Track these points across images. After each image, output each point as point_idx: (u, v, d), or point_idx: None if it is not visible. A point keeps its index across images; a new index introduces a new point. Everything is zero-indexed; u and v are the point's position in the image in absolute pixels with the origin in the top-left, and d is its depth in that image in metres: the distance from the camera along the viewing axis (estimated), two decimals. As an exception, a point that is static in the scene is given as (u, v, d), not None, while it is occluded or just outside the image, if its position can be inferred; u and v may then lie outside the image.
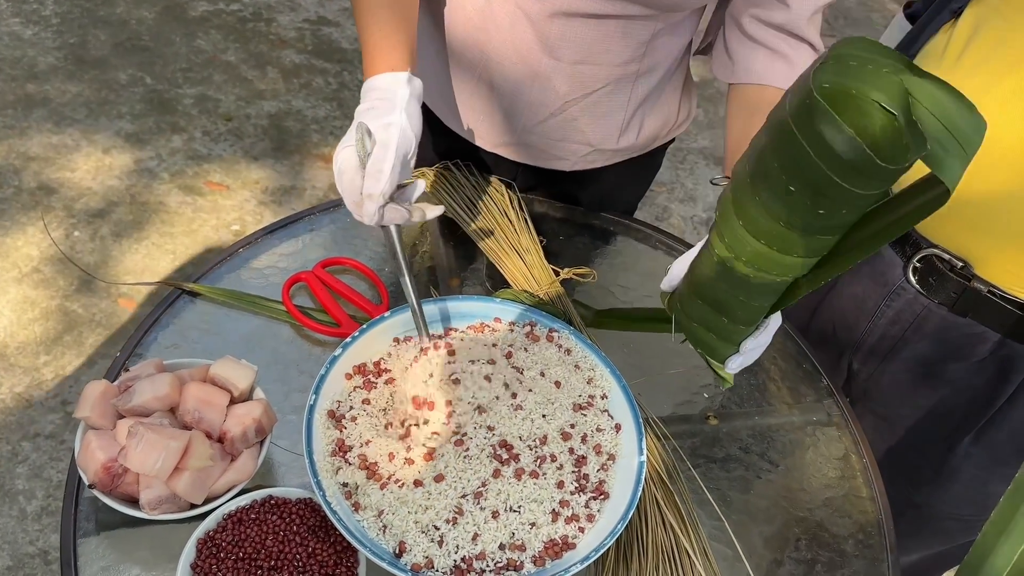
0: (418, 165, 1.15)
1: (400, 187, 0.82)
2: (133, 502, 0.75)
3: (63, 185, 2.18)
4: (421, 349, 0.85)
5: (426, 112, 1.10)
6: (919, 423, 1.07)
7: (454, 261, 1.08)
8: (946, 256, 0.94)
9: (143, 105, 2.45)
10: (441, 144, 1.14)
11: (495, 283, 1.05)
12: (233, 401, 0.81)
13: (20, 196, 2.12)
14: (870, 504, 0.93)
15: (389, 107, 0.79)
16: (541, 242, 1.07)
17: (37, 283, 1.94)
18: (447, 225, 1.11)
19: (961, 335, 0.97)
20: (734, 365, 0.81)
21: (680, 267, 0.79)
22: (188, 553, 0.72)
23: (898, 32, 1.12)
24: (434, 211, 0.84)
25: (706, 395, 1.00)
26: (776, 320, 0.79)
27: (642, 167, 1.20)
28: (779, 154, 0.60)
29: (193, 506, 0.75)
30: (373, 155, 0.76)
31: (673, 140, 1.18)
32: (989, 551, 0.62)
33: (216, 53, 2.69)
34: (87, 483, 0.75)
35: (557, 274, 1.03)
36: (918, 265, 0.97)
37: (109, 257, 2.04)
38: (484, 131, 1.08)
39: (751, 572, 0.83)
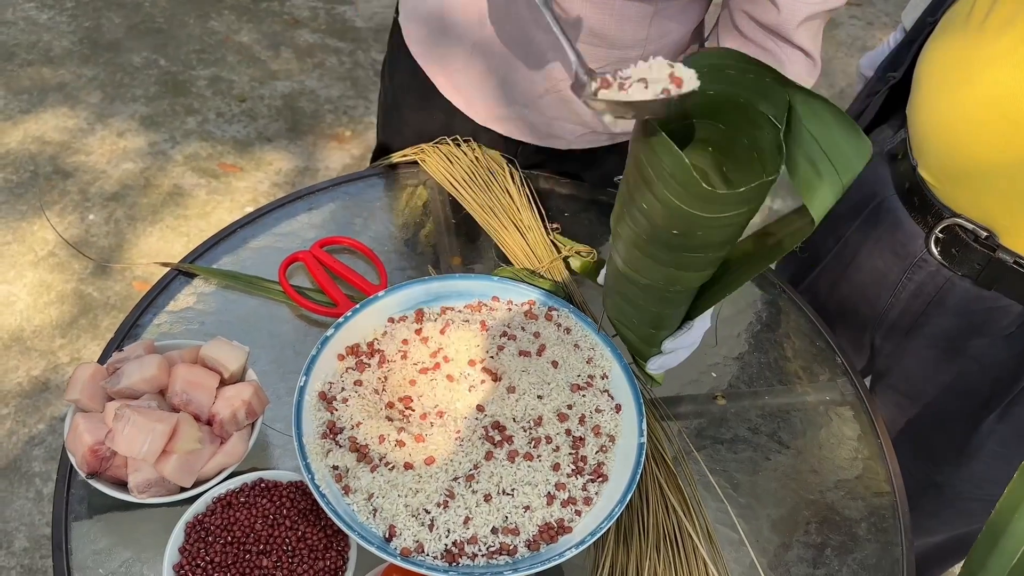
0: (415, 141, 1.13)
1: None
2: (123, 485, 0.74)
3: (78, 169, 2.18)
4: (596, 82, 0.60)
5: (422, 80, 1.08)
6: (942, 400, 1.04)
7: (455, 239, 1.05)
8: (970, 226, 0.90)
9: (157, 87, 2.45)
10: (438, 120, 1.11)
11: (500, 261, 1.03)
12: (224, 383, 0.79)
13: (36, 180, 2.13)
14: (885, 486, 0.90)
15: None
16: (555, 228, 1.04)
17: (53, 267, 1.95)
18: (449, 203, 1.09)
19: (986, 308, 0.93)
20: (654, 365, 0.81)
21: None
22: (176, 537, 0.71)
23: (923, -1, 1.07)
24: None
25: (714, 374, 0.97)
26: (702, 322, 0.78)
27: None
28: (632, 169, 0.59)
29: (183, 489, 0.74)
30: None
31: None
32: (1002, 529, 0.59)
33: (229, 34, 2.68)
34: (78, 470, 0.74)
35: (559, 251, 1.00)
36: (940, 236, 0.93)
37: (124, 240, 2.04)
38: (478, 103, 1.05)
39: (754, 556, 0.80)
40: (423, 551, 0.68)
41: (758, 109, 0.56)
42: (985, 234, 0.88)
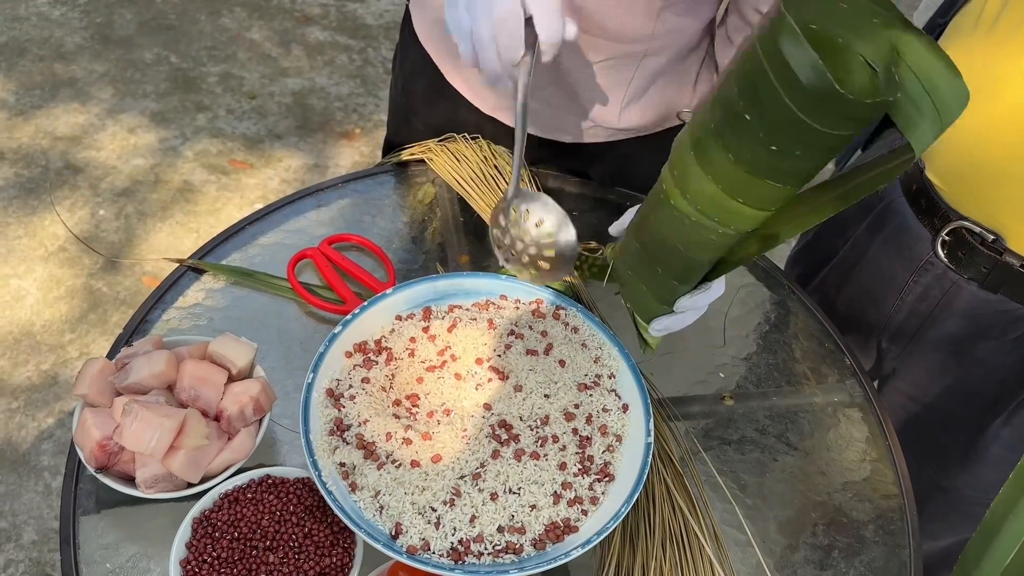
0: (424, 130, 1.13)
1: None
2: (130, 480, 0.74)
3: (89, 164, 2.19)
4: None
5: (432, 68, 1.08)
6: (949, 404, 1.03)
7: (464, 237, 1.05)
8: (976, 229, 0.89)
9: (168, 84, 2.46)
10: (445, 108, 1.11)
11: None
12: (232, 379, 0.80)
13: (47, 175, 2.14)
14: (893, 488, 0.90)
15: None
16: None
17: (63, 262, 1.96)
18: (457, 200, 1.09)
19: (992, 312, 0.93)
20: (660, 326, 0.77)
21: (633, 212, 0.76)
22: (183, 532, 0.71)
23: (937, -5, 1.07)
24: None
25: (722, 375, 0.97)
26: (719, 286, 0.75)
27: (657, 144, 1.16)
28: (740, 77, 0.55)
29: (190, 485, 0.74)
30: None
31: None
32: (996, 529, 0.58)
33: (240, 31, 2.69)
34: (86, 465, 0.74)
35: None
36: (947, 239, 0.93)
37: (134, 236, 2.05)
38: (485, 92, 1.05)
39: (761, 557, 0.80)
40: (429, 549, 0.68)
41: (853, 51, 0.53)
42: (992, 237, 0.88)
